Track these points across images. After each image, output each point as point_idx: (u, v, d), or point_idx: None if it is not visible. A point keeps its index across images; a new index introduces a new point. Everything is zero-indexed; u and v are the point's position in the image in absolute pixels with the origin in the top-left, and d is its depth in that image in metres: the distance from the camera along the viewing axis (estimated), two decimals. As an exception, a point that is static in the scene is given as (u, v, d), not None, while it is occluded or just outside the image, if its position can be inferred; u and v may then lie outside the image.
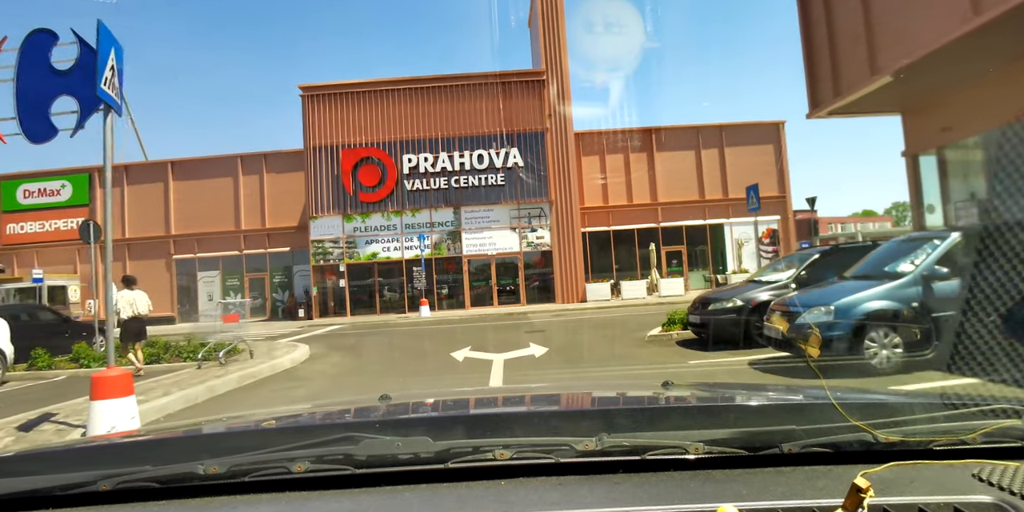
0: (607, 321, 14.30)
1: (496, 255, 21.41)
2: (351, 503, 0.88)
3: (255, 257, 24.82)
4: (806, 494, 0.82)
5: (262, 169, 24.92)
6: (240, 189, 24.88)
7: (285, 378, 8.37)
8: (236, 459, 0.95)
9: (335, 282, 21.52)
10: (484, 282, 21.69)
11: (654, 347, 8.89)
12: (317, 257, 21.49)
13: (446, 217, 21.50)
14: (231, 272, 24.94)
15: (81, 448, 1.19)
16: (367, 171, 21.34)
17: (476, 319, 17.54)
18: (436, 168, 21.30)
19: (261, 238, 24.76)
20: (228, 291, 24.94)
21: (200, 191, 24.90)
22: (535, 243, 21.47)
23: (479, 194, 21.36)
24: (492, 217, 21.49)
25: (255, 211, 24.84)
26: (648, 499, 0.83)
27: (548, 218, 21.55)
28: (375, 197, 21.31)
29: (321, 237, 21.49)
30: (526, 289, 21.52)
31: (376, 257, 21.44)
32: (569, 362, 8.13)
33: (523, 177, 21.35)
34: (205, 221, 24.72)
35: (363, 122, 21.61)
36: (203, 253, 24.84)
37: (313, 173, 21.49)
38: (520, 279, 21.49)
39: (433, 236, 21.45)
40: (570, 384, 4.33)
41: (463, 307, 21.32)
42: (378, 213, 21.40)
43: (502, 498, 0.86)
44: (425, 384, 7.03)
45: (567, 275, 21.51)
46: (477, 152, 21.34)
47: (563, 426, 1.08)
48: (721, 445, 0.94)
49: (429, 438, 0.97)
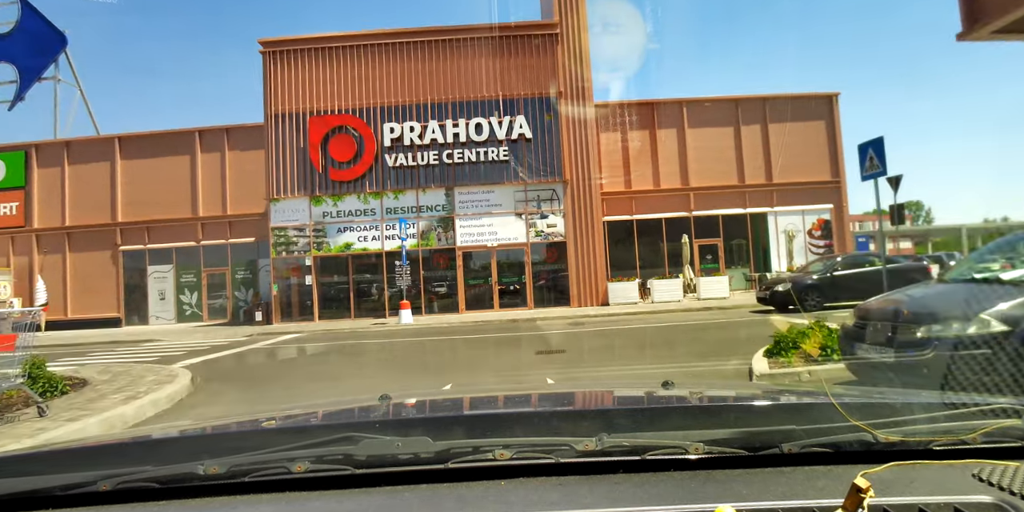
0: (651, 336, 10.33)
1: (497, 247, 17.47)
2: (351, 503, 0.88)
3: (214, 249, 21.11)
4: (806, 494, 0.82)
5: (223, 146, 21.18)
6: (198, 169, 21.20)
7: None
8: (236, 459, 0.95)
9: (300, 279, 17.66)
10: (483, 280, 17.77)
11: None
12: (278, 248, 17.63)
13: (436, 200, 17.57)
14: (186, 266, 21.27)
15: (81, 448, 1.19)
16: (340, 143, 17.45)
17: (470, 328, 13.63)
18: (424, 140, 17.38)
19: (222, 227, 21.03)
20: (183, 288, 21.26)
21: (152, 172, 21.27)
22: (545, 232, 17.52)
23: (477, 172, 17.43)
24: (493, 200, 17.55)
25: (215, 195, 21.13)
26: (648, 499, 0.83)
27: (562, 202, 17.58)
28: (349, 175, 17.42)
29: (283, 224, 17.62)
30: (534, 289, 17.58)
31: (350, 248, 17.56)
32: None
33: (531, 152, 17.40)
34: (157, 206, 21.08)
35: (336, 84, 17.72)
36: (154, 244, 21.22)
37: (274, 146, 17.63)
38: (527, 277, 17.55)
39: (420, 223, 17.53)
40: (570, 384, 4.02)
41: (456, 310, 17.41)
42: (353, 195, 17.50)
43: (502, 498, 0.86)
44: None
45: (584, 272, 17.56)
46: (475, 121, 17.40)
47: (563, 426, 1.07)
48: (721, 445, 0.94)
49: (429, 438, 0.97)
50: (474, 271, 17.89)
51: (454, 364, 8.50)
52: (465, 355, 9.39)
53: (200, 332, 16.49)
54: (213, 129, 21.38)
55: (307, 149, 17.49)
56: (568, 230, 17.58)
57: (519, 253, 17.70)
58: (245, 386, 7.30)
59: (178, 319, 21.13)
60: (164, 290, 21.37)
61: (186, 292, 21.29)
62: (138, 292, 21.43)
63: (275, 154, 17.60)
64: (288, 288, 17.78)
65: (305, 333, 14.52)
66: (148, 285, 21.35)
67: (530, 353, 8.89)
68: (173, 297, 21.27)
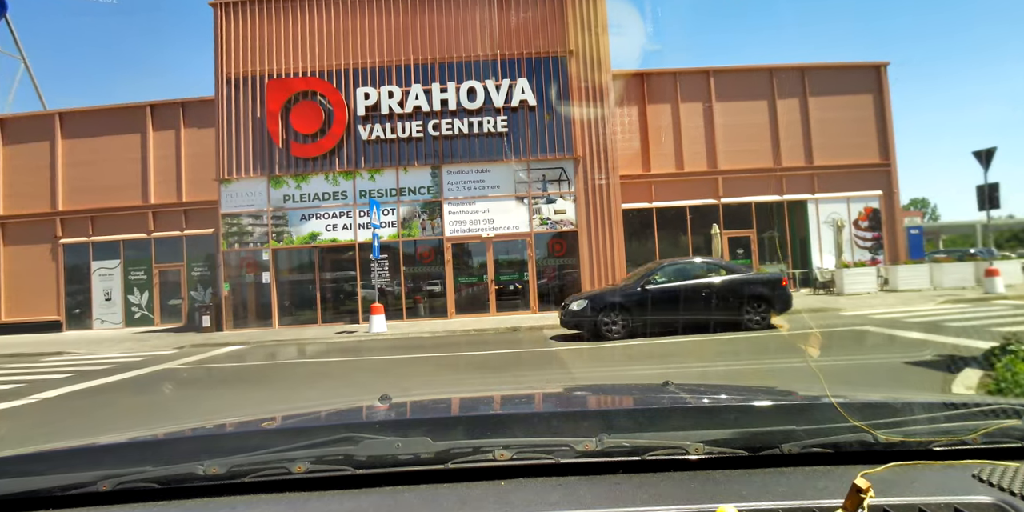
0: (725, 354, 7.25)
1: (494, 238, 14.44)
2: (351, 503, 0.89)
3: (168, 242, 18.26)
4: (806, 494, 0.82)
5: (179, 123, 18.29)
6: (150, 150, 18.34)
7: None
8: (236, 459, 0.95)
9: (256, 276, 14.66)
10: (477, 278, 14.73)
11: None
12: (230, 239, 14.63)
13: (421, 181, 14.54)
14: (136, 262, 18.42)
15: (81, 448, 1.16)
16: (304, 112, 14.44)
17: (457, 340, 10.61)
18: (406, 108, 14.36)
19: (176, 216, 18.15)
20: (132, 287, 18.38)
21: (97, 153, 18.47)
22: (552, 220, 14.49)
23: (470, 147, 14.40)
24: (489, 181, 14.52)
25: (168, 179, 18.26)
26: (648, 499, 0.83)
27: (573, 183, 14.53)
28: (315, 151, 14.41)
29: (236, 210, 14.61)
30: (539, 289, 14.54)
31: (316, 240, 14.55)
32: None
33: (535, 122, 14.36)
34: (103, 193, 18.26)
35: (300, 41, 14.72)
36: (100, 236, 18.40)
37: (225, 116, 14.63)
38: (530, 273, 14.52)
39: (401, 209, 14.48)
40: (570, 385, 3.93)
41: (444, 314, 14.36)
42: (320, 174, 14.49)
43: (502, 498, 0.87)
44: None
45: (600, 268, 14.50)
46: (467, 85, 14.36)
47: (563, 427, 1.08)
48: (721, 445, 0.95)
49: (429, 438, 0.97)
50: (466, 267, 14.86)
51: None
52: (443, 389, 6.36)
53: (135, 340, 13.55)
54: (167, 103, 18.50)
55: (264, 119, 14.48)
56: (580, 217, 14.51)
57: (520, 245, 14.65)
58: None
59: (126, 323, 18.26)
60: (110, 289, 18.49)
61: (135, 292, 18.42)
62: (81, 292, 18.58)
63: (227, 126, 14.60)
64: (243, 287, 14.80)
65: (249, 344, 11.53)
66: (92, 284, 18.50)
67: (541, 384, 5.87)
68: (120, 298, 18.40)
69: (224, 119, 14.61)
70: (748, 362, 6.67)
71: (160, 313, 18.32)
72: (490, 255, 14.54)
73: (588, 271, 14.45)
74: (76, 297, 18.51)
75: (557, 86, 14.38)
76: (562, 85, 14.42)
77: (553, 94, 14.36)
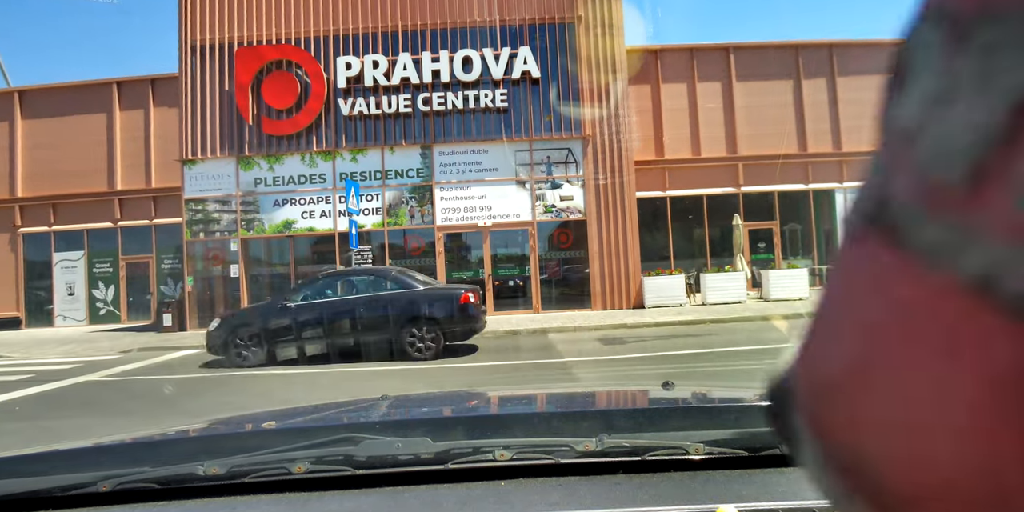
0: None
1: (492, 227, 12.79)
2: (351, 504, 0.89)
3: (136, 232, 16.71)
4: (806, 494, 0.83)
5: (148, 102, 16.67)
6: (116, 131, 16.77)
7: None
8: (236, 460, 0.95)
9: (224, 270, 13.06)
10: (471, 273, 13.08)
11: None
12: (195, 228, 13.03)
13: (409, 162, 12.88)
14: (101, 253, 16.89)
15: (81, 449, 1.17)
16: (278, 85, 12.79)
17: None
18: (392, 80, 12.69)
19: (145, 204, 16.57)
20: (97, 281, 16.85)
21: (60, 134, 16.94)
22: (558, 208, 12.83)
23: (466, 124, 12.74)
24: (486, 163, 12.86)
25: (137, 163, 16.70)
26: (648, 500, 0.84)
27: (581, 166, 12.87)
28: (290, 127, 12.77)
29: (201, 194, 13.00)
30: (541, 285, 12.90)
31: (292, 228, 12.93)
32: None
33: (539, 96, 12.69)
34: (66, 178, 16.71)
35: (272, 5, 13.06)
36: (62, 225, 16.88)
37: (190, 89, 13.00)
38: (532, 268, 12.87)
39: (387, 193, 12.83)
40: (570, 385, 3.89)
41: (436, 314, 12.74)
42: (295, 155, 12.85)
43: (502, 499, 0.87)
44: None
45: (612, 262, 12.87)
46: (462, 53, 12.69)
47: (563, 427, 1.08)
48: (721, 446, 0.95)
49: (429, 439, 0.97)
50: (460, 260, 13.22)
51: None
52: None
53: (84, 341, 12.00)
54: (135, 80, 16.88)
55: (233, 93, 12.83)
56: (590, 204, 12.85)
57: (522, 236, 13.01)
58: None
59: (91, 320, 16.73)
60: (73, 283, 16.95)
61: (100, 286, 16.87)
62: (42, 286, 17.07)
63: (191, 100, 12.96)
64: (210, 282, 13.20)
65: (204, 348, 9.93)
66: (54, 277, 16.97)
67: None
68: (84, 292, 16.87)
69: (188, 93, 12.98)
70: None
71: (127, 309, 16.78)
72: (487, 246, 12.90)
73: (598, 265, 12.80)
74: (37, 292, 16.98)
75: (564, 56, 12.69)
76: (569, 54, 12.73)
77: (559, 65, 12.68)
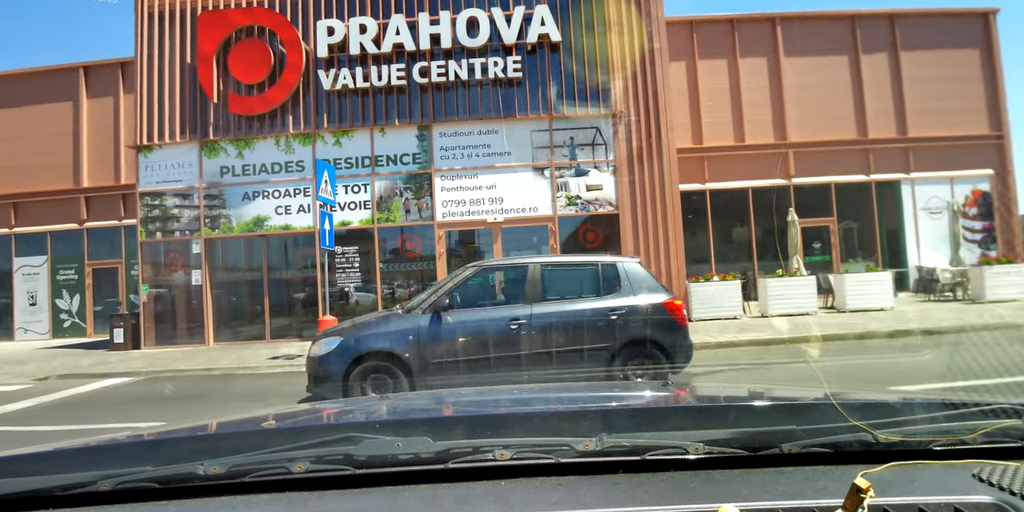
0: None
1: (504, 223, 10.57)
2: (351, 503, 0.88)
3: (103, 233, 14.93)
4: (806, 494, 0.82)
5: (118, 88, 14.85)
6: (83, 121, 15.04)
7: None
8: (236, 459, 0.95)
9: (185, 276, 10.99)
10: (480, 278, 10.87)
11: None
12: (151, 227, 10.99)
13: (403, 145, 10.73)
14: (66, 258, 15.11)
15: (81, 448, 1.16)
16: (247, 55, 10.75)
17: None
18: (383, 47, 10.59)
19: (114, 202, 14.75)
20: (61, 290, 15.03)
21: (21, 126, 15.33)
22: (583, 199, 10.58)
23: (471, 99, 10.57)
24: (497, 146, 10.66)
25: (105, 157, 14.94)
26: (648, 499, 0.83)
27: (611, 149, 10.61)
28: (262, 105, 10.71)
29: (158, 187, 10.97)
30: (564, 292, 10.64)
31: (264, 226, 10.83)
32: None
33: (560, 65, 10.47)
34: (27, 175, 15.08)
35: (244, -39, 11.05)
36: (23, 227, 15.15)
37: (146, 63, 11.00)
38: (552, 272, 10.61)
39: (377, 183, 10.68)
40: (570, 385, 3.89)
41: (436, 328, 10.54)
42: (268, 138, 10.78)
43: (502, 498, 0.86)
44: None
45: (650, 265, 10.59)
46: (467, 14, 10.55)
47: (563, 426, 1.07)
48: (721, 445, 0.95)
49: (429, 438, 0.97)
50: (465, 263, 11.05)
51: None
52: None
53: (15, 362, 10.00)
54: (103, 64, 15.09)
55: (196, 66, 10.80)
56: (622, 195, 10.57)
57: (539, 234, 10.76)
58: None
59: (54, 333, 14.92)
60: (35, 292, 15.15)
61: (64, 295, 15.03)
62: (2, 295, 15.28)
63: (147, 76, 10.96)
64: (169, 290, 11.14)
65: (140, 375, 7.84)
66: (14, 285, 15.18)
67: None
68: (47, 302, 15.06)
69: (144, 67, 11.00)
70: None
71: (93, 321, 14.90)
72: (498, 247, 10.67)
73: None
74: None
75: (588, 14, 10.47)
76: (596, 14, 10.51)
77: (583, 26, 10.46)
